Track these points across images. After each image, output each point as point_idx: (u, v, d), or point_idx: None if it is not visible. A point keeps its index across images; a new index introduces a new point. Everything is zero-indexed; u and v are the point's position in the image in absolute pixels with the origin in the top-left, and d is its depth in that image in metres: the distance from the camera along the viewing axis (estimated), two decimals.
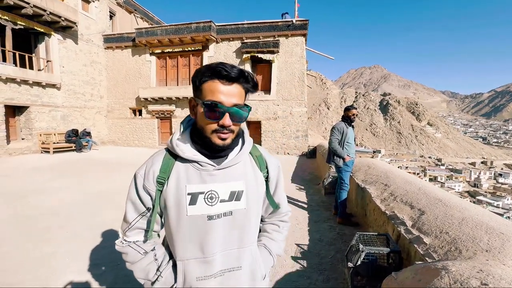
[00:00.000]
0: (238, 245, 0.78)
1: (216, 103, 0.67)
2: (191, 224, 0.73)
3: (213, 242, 0.74)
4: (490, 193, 50.37)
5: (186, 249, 0.75)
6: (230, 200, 0.75)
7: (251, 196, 0.78)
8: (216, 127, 0.70)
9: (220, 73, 0.66)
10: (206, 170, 0.74)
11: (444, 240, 1.64)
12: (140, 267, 0.78)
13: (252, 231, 0.81)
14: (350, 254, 2.10)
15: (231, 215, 0.75)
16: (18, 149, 9.13)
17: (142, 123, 12.69)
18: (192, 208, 0.72)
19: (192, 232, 0.74)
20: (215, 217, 0.74)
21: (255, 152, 0.84)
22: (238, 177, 0.77)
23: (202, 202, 0.73)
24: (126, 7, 14.55)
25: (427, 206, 2.15)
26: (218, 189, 0.74)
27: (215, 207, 0.74)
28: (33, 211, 3.75)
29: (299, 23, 10.42)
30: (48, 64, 10.28)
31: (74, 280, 2.20)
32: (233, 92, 0.69)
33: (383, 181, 3.20)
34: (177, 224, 0.74)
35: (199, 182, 0.74)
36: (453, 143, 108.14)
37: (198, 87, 0.70)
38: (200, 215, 0.73)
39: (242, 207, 0.76)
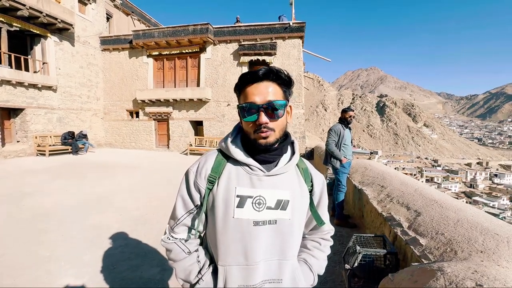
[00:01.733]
0: (280, 256, 0.76)
1: (249, 103, 0.71)
2: (236, 227, 0.72)
3: (257, 249, 0.73)
4: (486, 193, 50.81)
5: (228, 254, 0.73)
6: (276, 208, 0.74)
7: (296, 207, 0.77)
8: (255, 127, 0.71)
9: (247, 77, 0.72)
10: (256, 174, 0.74)
11: (440, 241, 1.65)
12: (182, 266, 0.78)
13: (294, 244, 0.79)
14: (347, 255, 2.11)
15: (275, 224, 0.74)
16: (13, 152, 9.03)
17: (139, 125, 12.63)
18: (240, 211, 0.72)
19: (237, 236, 0.72)
20: (261, 223, 0.73)
21: (302, 165, 0.84)
22: (285, 186, 0.76)
23: (250, 206, 0.72)
24: (123, 9, 14.53)
25: (423, 207, 2.17)
26: (266, 195, 0.74)
27: (261, 213, 0.73)
28: (28, 214, 3.71)
29: (296, 25, 10.48)
30: (44, 66, 10.20)
31: (70, 283, 2.18)
32: (264, 90, 0.71)
33: (380, 183, 3.22)
34: (223, 226, 0.73)
35: (249, 185, 0.74)
36: (449, 144, 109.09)
37: (238, 95, 0.76)
38: (246, 219, 0.72)
39: (287, 217, 0.75)
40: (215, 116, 11.59)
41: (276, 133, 0.73)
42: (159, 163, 8.76)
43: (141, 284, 2.19)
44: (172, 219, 0.81)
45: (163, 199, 4.58)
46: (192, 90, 11.35)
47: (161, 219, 3.67)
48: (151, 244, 2.91)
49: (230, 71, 11.26)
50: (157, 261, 2.55)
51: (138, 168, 7.64)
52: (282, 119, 0.74)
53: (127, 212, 3.91)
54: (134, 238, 3.07)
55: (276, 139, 0.74)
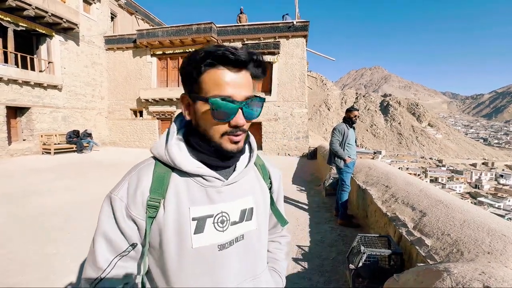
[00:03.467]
0: (253, 274, 0.62)
1: (227, 98, 0.50)
2: (197, 258, 0.55)
3: (227, 278, 0.57)
4: (491, 194, 50.21)
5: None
6: (240, 221, 0.60)
7: (260, 212, 0.64)
8: (226, 129, 0.53)
9: (226, 58, 0.49)
10: (214, 186, 0.57)
11: (446, 242, 1.63)
12: None
13: (264, 254, 0.67)
14: (351, 255, 2.10)
15: (242, 239, 0.60)
16: (19, 150, 9.15)
17: (143, 124, 12.71)
18: (199, 238, 0.54)
19: (199, 269, 0.55)
20: (227, 245, 0.57)
21: (258, 161, 0.70)
22: (247, 192, 0.62)
23: (211, 228, 0.56)
24: (127, 8, 14.62)
25: (429, 207, 2.15)
26: (229, 210, 0.58)
27: (226, 232, 0.57)
28: (34, 212, 3.75)
29: (299, 24, 10.44)
30: (49, 66, 10.32)
31: (75, 281, 2.20)
32: (242, 81, 0.52)
33: (384, 183, 3.20)
34: (178, 262, 0.54)
35: (206, 202, 0.56)
36: (454, 144, 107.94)
37: (196, 79, 0.52)
38: (209, 246, 0.55)
39: (254, 227, 0.62)
40: None
41: (245, 135, 0.58)
42: None
43: None
44: (92, 270, 0.54)
45: None
46: None
47: None
48: None
49: None
50: None
51: None
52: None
53: None
54: None
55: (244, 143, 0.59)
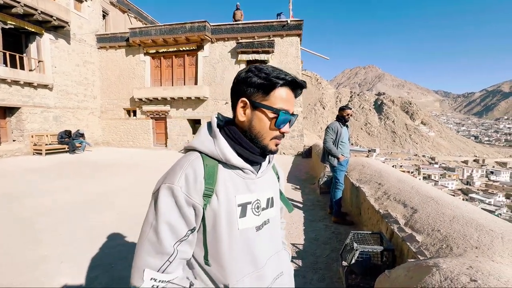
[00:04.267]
0: (276, 250, 0.78)
1: (285, 111, 0.66)
2: (242, 238, 0.66)
3: (262, 254, 0.71)
4: (482, 190, 51.33)
5: (238, 269, 0.66)
6: (267, 207, 0.75)
7: (276, 201, 0.80)
8: (277, 134, 0.68)
9: (294, 83, 0.67)
10: (250, 178, 0.70)
11: (436, 238, 1.67)
12: None
13: (280, 235, 0.85)
14: (344, 253, 2.12)
15: (269, 222, 0.76)
16: (9, 151, 8.95)
17: (137, 123, 12.58)
18: (243, 221, 0.67)
19: (244, 248, 0.67)
20: (261, 227, 0.72)
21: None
22: (270, 184, 0.78)
23: (251, 212, 0.69)
24: (119, 6, 14.40)
25: (420, 204, 2.19)
26: (261, 197, 0.73)
27: (260, 216, 0.72)
28: (25, 214, 3.68)
29: (293, 23, 10.46)
30: (39, 65, 10.11)
31: (68, 283, 2.17)
32: (294, 100, 0.71)
33: (377, 180, 3.24)
34: (229, 242, 0.64)
35: (246, 191, 0.69)
36: (446, 142, 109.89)
37: (266, 91, 0.65)
38: (250, 228, 0.68)
39: (275, 213, 0.78)
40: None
41: None
42: (157, 161, 8.73)
43: None
44: (157, 256, 0.60)
45: None
46: (190, 89, 11.31)
47: None
48: None
49: (228, 69, 11.22)
50: None
51: (135, 166, 7.61)
52: None
53: (124, 211, 3.90)
54: (132, 237, 3.06)
55: None
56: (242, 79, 0.67)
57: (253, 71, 0.66)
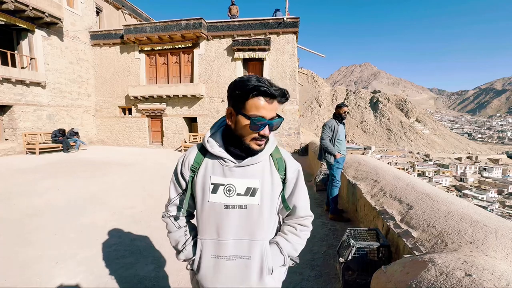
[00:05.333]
0: (250, 237, 0.87)
1: (261, 118, 0.80)
2: (210, 209, 0.87)
3: (227, 228, 0.86)
4: (475, 187, 52.17)
5: (205, 230, 0.89)
6: (245, 194, 0.86)
7: (265, 194, 0.87)
8: (255, 136, 0.83)
9: (265, 93, 0.78)
10: (228, 166, 0.87)
11: (431, 234, 1.69)
12: (173, 237, 0.99)
13: (264, 227, 0.89)
14: (341, 249, 2.14)
15: (245, 208, 0.87)
16: (2, 150, 8.79)
17: (132, 122, 12.45)
18: (213, 196, 0.86)
19: (211, 216, 0.87)
20: (231, 207, 0.86)
21: (276, 154, 0.94)
22: (255, 175, 0.87)
23: (222, 192, 0.86)
24: (113, 2, 14.17)
25: (415, 201, 2.21)
26: (236, 184, 0.86)
27: (231, 198, 0.86)
28: (18, 214, 3.63)
29: (290, 20, 10.42)
30: (32, 62, 9.90)
31: (64, 283, 2.15)
32: (273, 107, 0.82)
33: (373, 177, 3.26)
34: (201, 208, 0.89)
35: (221, 175, 0.87)
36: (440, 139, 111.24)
37: (242, 101, 0.81)
38: (218, 203, 0.86)
39: (256, 202, 0.87)
40: (209, 112, 11.51)
41: (265, 140, 0.87)
42: (153, 160, 8.67)
43: (136, 282, 2.18)
44: (168, 200, 1.00)
45: (156, 197, 4.55)
46: (186, 86, 11.22)
47: (155, 216, 3.65)
48: (146, 241, 2.90)
49: (224, 66, 11.16)
50: (151, 259, 2.54)
51: (131, 165, 7.55)
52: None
53: (120, 210, 3.87)
54: (128, 236, 3.04)
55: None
56: (229, 91, 0.85)
57: (236, 83, 0.82)
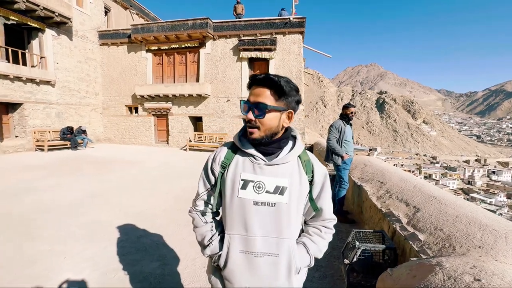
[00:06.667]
0: (277, 234, 0.88)
1: (244, 100, 0.88)
2: (239, 204, 0.88)
3: (255, 224, 0.87)
4: (483, 190, 51.15)
5: (233, 225, 0.90)
6: (274, 193, 0.87)
7: (293, 193, 0.89)
8: (247, 121, 0.87)
9: (253, 78, 0.86)
10: (258, 163, 0.89)
11: (439, 237, 1.66)
12: (199, 232, 0.99)
13: (291, 226, 0.90)
14: (346, 251, 2.12)
15: (274, 206, 0.88)
16: (12, 147, 9.00)
17: (138, 120, 12.59)
18: (243, 192, 0.88)
19: (240, 212, 0.89)
20: (259, 204, 0.87)
21: (304, 157, 0.95)
22: (284, 174, 0.89)
23: (251, 189, 0.88)
24: (121, 2, 14.34)
25: (422, 203, 2.18)
26: (265, 181, 0.88)
27: (261, 195, 0.87)
28: (27, 209, 3.71)
29: (296, 20, 10.38)
30: (42, 61, 10.10)
31: (70, 278, 2.19)
32: (259, 93, 0.85)
33: (379, 179, 3.23)
34: (230, 203, 0.90)
35: (251, 172, 0.89)
36: (448, 141, 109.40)
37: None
38: (247, 199, 0.87)
39: (285, 201, 0.88)
40: (214, 112, 11.55)
41: (261, 131, 0.86)
42: (158, 159, 8.75)
43: (141, 279, 2.20)
44: (196, 195, 1.02)
45: (162, 195, 4.59)
46: (192, 86, 11.28)
47: (160, 214, 3.68)
48: (151, 239, 2.93)
49: (229, 66, 11.18)
50: (157, 256, 2.56)
51: (137, 163, 7.63)
52: (269, 120, 0.85)
53: (126, 208, 3.91)
54: (134, 233, 3.08)
55: (261, 137, 0.87)
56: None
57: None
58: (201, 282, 2.16)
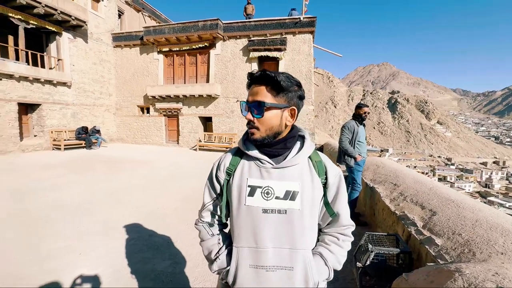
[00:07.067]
0: (291, 245, 0.80)
1: (243, 101, 0.83)
2: (247, 213, 0.81)
3: (266, 235, 0.80)
4: (502, 194, 49.00)
5: (241, 237, 0.83)
6: (285, 198, 0.80)
7: (306, 198, 0.81)
8: (247, 123, 0.83)
9: (250, 78, 0.83)
10: (265, 167, 0.83)
11: (457, 242, 1.60)
12: (206, 245, 0.93)
13: (306, 235, 0.82)
14: (358, 253, 2.08)
15: (285, 213, 0.80)
16: (31, 146, 9.37)
17: (150, 120, 12.83)
18: (250, 199, 0.81)
19: (248, 221, 0.81)
20: (269, 211, 0.80)
21: (315, 158, 0.88)
22: (294, 178, 0.82)
23: (259, 195, 0.81)
24: (134, 5, 14.67)
25: (439, 206, 2.11)
26: (274, 186, 0.81)
27: (270, 202, 0.80)
28: (44, 207, 3.85)
29: (306, 20, 10.30)
30: (59, 63, 10.48)
31: (85, 273, 2.25)
32: (256, 91, 0.81)
33: (393, 181, 3.15)
34: (237, 212, 0.83)
35: (259, 177, 0.82)
36: (464, 142, 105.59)
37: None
38: (256, 207, 0.81)
39: (297, 207, 0.80)
40: (224, 112, 11.62)
41: (262, 131, 0.81)
42: (169, 159, 8.89)
43: (153, 277, 2.24)
44: (201, 205, 0.96)
45: (172, 195, 4.66)
46: (202, 86, 11.40)
47: (170, 213, 3.73)
48: (162, 237, 2.97)
49: (239, 67, 11.23)
50: (168, 254, 2.60)
51: (148, 163, 7.78)
52: (269, 119, 0.80)
53: (138, 206, 3.99)
54: (145, 231, 3.13)
55: (262, 137, 0.82)
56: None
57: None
58: (211, 282, 2.17)
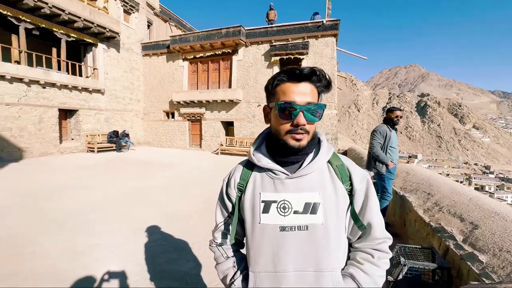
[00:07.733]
0: (315, 267, 0.69)
1: (290, 102, 0.67)
2: (263, 233, 0.71)
3: (285, 256, 0.69)
4: None
5: (257, 260, 0.73)
6: (305, 212, 0.70)
7: (329, 209, 0.70)
8: (290, 128, 0.69)
9: (291, 73, 0.69)
10: (279, 178, 0.73)
11: (506, 260, 1.44)
12: (221, 269, 0.84)
13: (333, 254, 0.70)
14: (389, 266, 1.96)
15: (306, 229, 0.69)
16: (68, 148, 10.17)
17: (175, 125, 13.34)
18: (265, 217, 0.71)
19: (264, 242, 0.71)
20: (287, 229, 0.70)
21: (336, 162, 0.76)
22: (314, 188, 0.71)
23: (275, 211, 0.71)
24: (162, 16, 15.50)
25: (481, 219, 1.93)
26: (291, 199, 0.71)
27: (288, 217, 0.70)
28: (80, 205, 4.13)
29: (329, 23, 10.15)
30: (94, 72, 11.33)
31: (111, 269, 2.36)
32: (305, 90, 0.69)
33: (426, 190, 2.95)
34: (251, 232, 0.74)
35: (272, 190, 0.72)
36: (505, 149, 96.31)
37: (272, 92, 0.73)
38: (272, 225, 0.70)
39: (319, 221, 0.69)
40: (245, 116, 11.75)
41: (309, 136, 0.72)
42: (191, 163, 9.14)
43: (178, 277, 2.29)
44: (214, 226, 0.88)
45: (195, 198, 4.77)
46: (224, 92, 11.65)
47: (194, 215, 3.82)
48: (187, 239, 3.04)
49: (261, 71, 11.32)
50: (192, 256, 2.64)
51: (172, 166, 8.06)
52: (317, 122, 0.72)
53: (163, 208, 4.13)
54: (170, 233, 3.23)
55: (308, 143, 0.72)
56: (264, 89, 0.77)
57: (268, 81, 0.75)
58: None
